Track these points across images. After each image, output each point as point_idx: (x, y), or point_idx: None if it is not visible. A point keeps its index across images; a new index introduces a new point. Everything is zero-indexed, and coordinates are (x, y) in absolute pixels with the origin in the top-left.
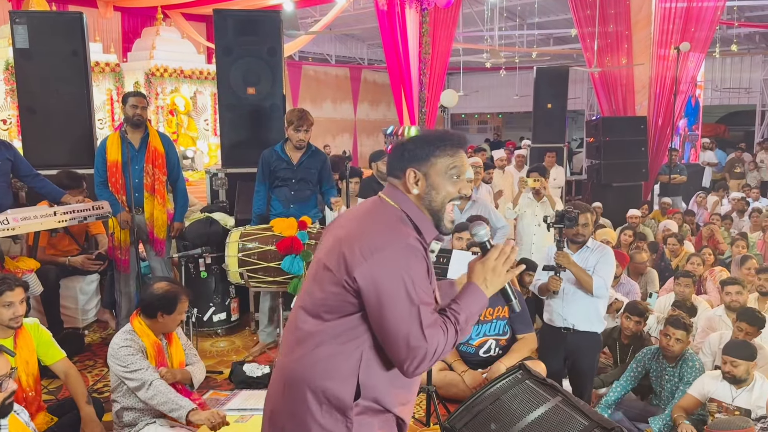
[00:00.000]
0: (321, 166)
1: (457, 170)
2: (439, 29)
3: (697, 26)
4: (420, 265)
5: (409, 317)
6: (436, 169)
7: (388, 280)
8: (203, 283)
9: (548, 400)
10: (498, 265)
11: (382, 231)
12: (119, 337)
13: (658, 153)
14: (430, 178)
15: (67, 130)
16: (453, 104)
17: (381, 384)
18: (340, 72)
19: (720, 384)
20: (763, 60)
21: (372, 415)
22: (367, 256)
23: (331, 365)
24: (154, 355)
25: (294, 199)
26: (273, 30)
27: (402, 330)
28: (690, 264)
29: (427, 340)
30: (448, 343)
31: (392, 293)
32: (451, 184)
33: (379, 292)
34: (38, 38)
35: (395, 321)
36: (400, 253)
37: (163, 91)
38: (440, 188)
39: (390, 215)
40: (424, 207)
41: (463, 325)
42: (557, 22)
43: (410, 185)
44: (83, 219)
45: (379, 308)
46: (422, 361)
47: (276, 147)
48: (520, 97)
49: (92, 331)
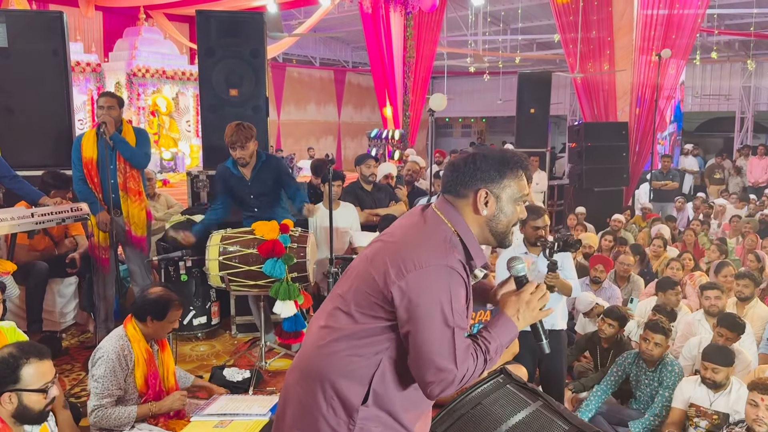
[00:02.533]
0: (276, 171)
1: (524, 196)
2: (424, 33)
3: (678, 33)
4: (459, 289)
5: (442, 339)
6: (508, 192)
7: (424, 298)
8: (183, 286)
9: (529, 405)
10: (533, 300)
11: (428, 248)
12: (110, 343)
13: (640, 158)
14: (500, 201)
15: (46, 130)
16: (442, 108)
17: (393, 398)
18: (325, 74)
19: (698, 388)
20: (742, 67)
21: (376, 425)
22: (409, 270)
23: (347, 363)
24: (144, 364)
25: (259, 215)
26: (256, 31)
27: (433, 351)
28: (669, 269)
29: (458, 366)
30: (477, 370)
31: (427, 313)
32: (518, 208)
33: (414, 308)
34: (17, 37)
35: (427, 341)
36: (441, 273)
37: (145, 91)
38: (508, 212)
39: (440, 233)
40: (488, 229)
41: (492, 354)
42: (540, 28)
43: (480, 206)
44: (61, 221)
45: (412, 325)
46: (449, 386)
47: (227, 163)
48: (503, 102)
49: (70, 335)
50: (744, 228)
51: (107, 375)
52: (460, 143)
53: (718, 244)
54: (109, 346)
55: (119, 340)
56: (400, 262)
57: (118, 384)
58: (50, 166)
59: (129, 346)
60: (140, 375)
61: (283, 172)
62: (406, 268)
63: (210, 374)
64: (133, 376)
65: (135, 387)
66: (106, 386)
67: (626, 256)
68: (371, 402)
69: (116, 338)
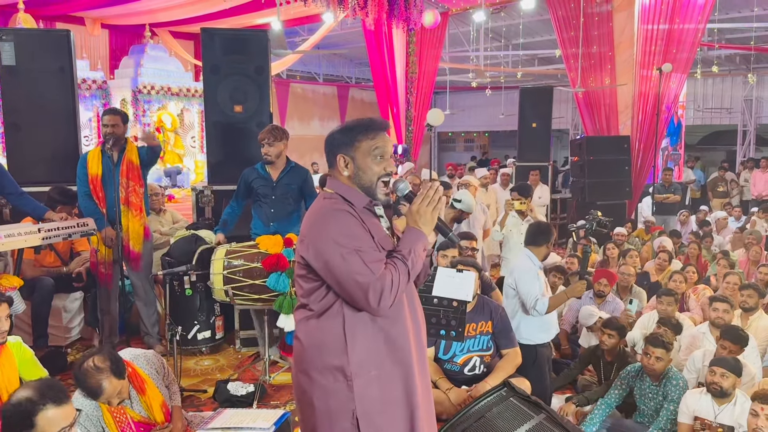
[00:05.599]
0: (302, 181)
1: (380, 150)
2: (426, 49)
3: (679, 48)
4: (347, 220)
5: (349, 262)
6: (361, 151)
7: (321, 242)
8: (188, 300)
9: (533, 417)
10: (421, 207)
11: (314, 211)
12: (79, 400)
13: (642, 172)
14: (356, 161)
15: (53, 146)
16: (439, 123)
17: (370, 343)
18: (328, 90)
19: (703, 401)
20: (743, 81)
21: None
22: (306, 234)
23: (321, 339)
24: (113, 422)
25: (274, 217)
26: (260, 49)
27: (349, 275)
28: (672, 282)
29: (374, 272)
30: (401, 274)
31: (329, 251)
32: (376, 164)
33: (321, 255)
34: (25, 55)
35: (344, 271)
36: (326, 218)
37: (150, 108)
38: (366, 168)
39: (322, 200)
40: (356, 186)
41: (408, 257)
42: (542, 43)
43: (341, 169)
44: (68, 236)
45: (327, 270)
46: (381, 293)
47: (257, 165)
48: (505, 116)
49: (75, 350)
50: (747, 240)
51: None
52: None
53: (723, 257)
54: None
55: (85, 400)
56: (300, 234)
57: None
58: (57, 182)
59: (96, 405)
60: (114, 429)
61: (307, 183)
62: (303, 235)
63: (214, 388)
64: (109, 430)
65: None
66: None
67: (627, 267)
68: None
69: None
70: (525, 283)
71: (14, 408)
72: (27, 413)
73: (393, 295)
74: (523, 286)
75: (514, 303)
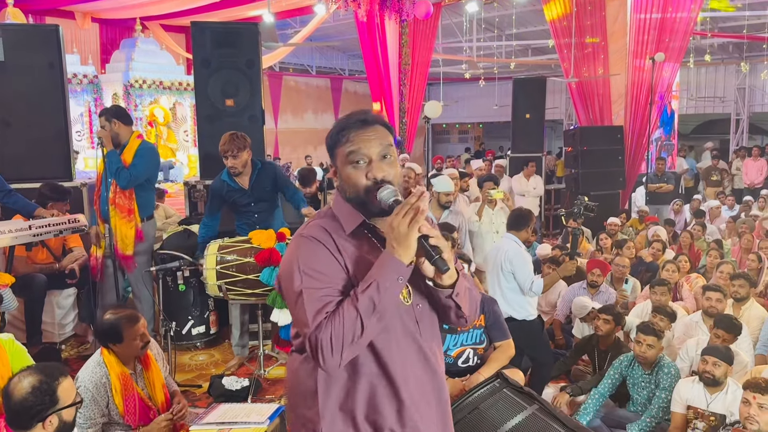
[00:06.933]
0: (273, 177)
1: (356, 155)
2: (419, 40)
3: (672, 37)
4: (309, 251)
5: (297, 305)
6: (339, 160)
7: (282, 270)
8: (181, 296)
9: (525, 408)
10: (395, 221)
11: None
12: (86, 373)
13: (635, 161)
14: (339, 170)
15: (44, 142)
16: (437, 115)
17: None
18: (321, 83)
19: (695, 389)
20: (736, 69)
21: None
22: None
23: (296, 382)
24: (121, 390)
25: (258, 221)
26: (251, 42)
27: (296, 321)
28: (665, 271)
29: (312, 322)
30: (346, 320)
31: (287, 285)
32: (355, 171)
33: (282, 283)
34: (14, 51)
35: (293, 312)
36: (292, 246)
37: (142, 102)
38: (347, 179)
39: (308, 221)
40: (346, 198)
41: (365, 293)
42: (535, 33)
43: (335, 180)
44: (59, 233)
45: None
46: (317, 350)
47: (223, 176)
48: (499, 107)
49: (69, 346)
50: (740, 228)
51: (88, 405)
52: (456, 149)
53: (715, 247)
54: (86, 377)
55: (96, 368)
56: None
57: (100, 411)
58: (48, 178)
59: (106, 373)
60: (119, 401)
61: (279, 176)
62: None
63: (209, 383)
64: (114, 402)
65: (117, 412)
66: (88, 416)
67: (622, 258)
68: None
69: (93, 366)
70: (520, 266)
71: (32, 394)
72: (49, 392)
73: (338, 351)
74: (519, 268)
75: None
